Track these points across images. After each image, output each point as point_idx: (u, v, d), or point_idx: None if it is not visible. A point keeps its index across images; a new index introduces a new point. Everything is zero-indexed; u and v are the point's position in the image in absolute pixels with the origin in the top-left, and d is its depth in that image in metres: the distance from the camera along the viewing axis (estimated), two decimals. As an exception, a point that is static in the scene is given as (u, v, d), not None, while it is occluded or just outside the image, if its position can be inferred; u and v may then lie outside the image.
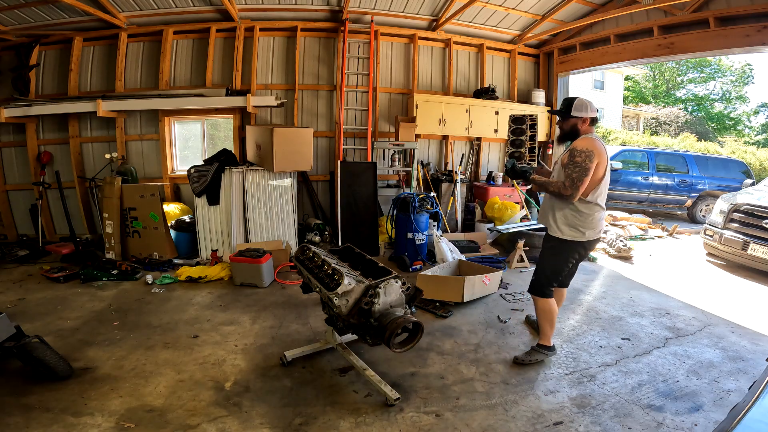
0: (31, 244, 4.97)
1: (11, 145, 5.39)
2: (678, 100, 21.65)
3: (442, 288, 3.54)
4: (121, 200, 4.62)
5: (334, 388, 2.34)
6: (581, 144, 2.40)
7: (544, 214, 2.69)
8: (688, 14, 5.01)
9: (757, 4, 4.47)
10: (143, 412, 2.09)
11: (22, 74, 5.19)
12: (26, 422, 1.97)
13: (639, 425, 2.07)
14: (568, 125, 2.55)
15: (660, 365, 2.66)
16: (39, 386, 2.26)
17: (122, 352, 2.68)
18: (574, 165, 2.37)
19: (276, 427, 2.01)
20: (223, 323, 3.15)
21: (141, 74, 5.54)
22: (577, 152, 2.38)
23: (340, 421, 2.06)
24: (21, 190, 5.46)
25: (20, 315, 3.17)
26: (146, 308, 3.41)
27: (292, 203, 4.92)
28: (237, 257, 3.96)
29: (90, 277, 4.02)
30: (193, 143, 6.07)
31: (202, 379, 2.41)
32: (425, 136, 6.36)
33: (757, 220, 4.63)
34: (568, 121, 2.54)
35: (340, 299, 2.03)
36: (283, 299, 3.67)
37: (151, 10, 5.16)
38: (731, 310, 3.65)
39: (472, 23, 6.14)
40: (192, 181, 4.66)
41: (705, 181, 8.58)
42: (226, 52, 5.62)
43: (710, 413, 2.17)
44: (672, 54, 5.27)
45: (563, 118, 2.57)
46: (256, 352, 2.72)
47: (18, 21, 5.01)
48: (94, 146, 5.47)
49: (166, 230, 4.64)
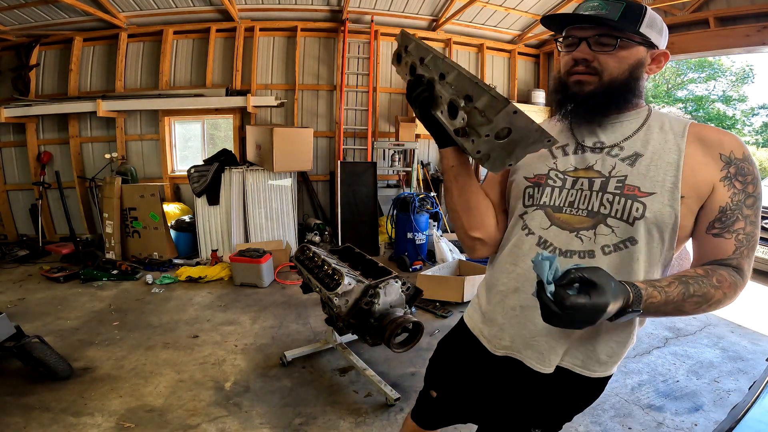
0: (31, 244, 4.97)
1: (11, 145, 5.39)
2: (678, 100, 21.65)
3: (442, 288, 3.54)
4: (121, 200, 4.62)
5: (334, 388, 2.34)
6: (733, 142, 0.83)
7: (552, 335, 0.90)
8: (688, 14, 5.01)
9: (757, 4, 4.47)
10: (143, 412, 2.09)
11: (22, 74, 5.19)
12: (26, 422, 1.97)
13: (639, 425, 2.07)
14: (623, 60, 0.85)
15: (660, 365, 2.66)
16: (39, 386, 2.25)
17: (122, 352, 2.68)
18: (753, 201, 0.82)
19: (276, 427, 2.01)
20: (223, 323, 3.15)
21: (141, 74, 5.54)
22: (747, 165, 0.82)
23: (340, 421, 2.06)
24: (21, 190, 5.46)
25: (20, 315, 3.17)
26: (146, 308, 3.41)
27: (292, 203, 4.92)
28: (237, 257, 3.96)
29: (90, 277, 4.02)
30: (193, 143, 6.07)
31: (202, 379, 2.41)
32: (425, 136, 6.35)
33: (757, 220, 4.62)
34: (630, 50, 0.84)
35: (340, 299, 2.03)
36: (283, 299, 3.67)
37: (151, 10, 5.16)
38: (731, 310, 3.65)
39: (472, 23, 6.14)
40: (192, 181, 4.66)
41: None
42: (226, 52, 5.62)
43: (710, 413, 2.17)
44: (672, 54, 5.26)
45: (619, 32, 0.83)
46: (256, 352, 2.72)
47: (18, 21, 5.01)
48: (94, 146, 5.47)
49: (166, 230, 4.64)
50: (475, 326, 1.06)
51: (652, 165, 0.83)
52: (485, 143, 0.75)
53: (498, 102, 0.70)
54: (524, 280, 0.92)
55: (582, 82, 0.86)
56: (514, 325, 0.94)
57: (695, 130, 0.85)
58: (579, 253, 0.86)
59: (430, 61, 0.88)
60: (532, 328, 0.90)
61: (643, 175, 0.83)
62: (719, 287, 0.78)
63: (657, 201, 0.81)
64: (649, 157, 0.84)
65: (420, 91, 0.87)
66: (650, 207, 0.81)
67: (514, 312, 0.94)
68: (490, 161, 0.78)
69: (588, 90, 0.86)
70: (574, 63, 0.86)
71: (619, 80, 0.84)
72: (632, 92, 0.86)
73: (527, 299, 0.91)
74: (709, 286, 0.78)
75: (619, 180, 0.85)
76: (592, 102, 0.86)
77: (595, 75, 0.85)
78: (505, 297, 0.96)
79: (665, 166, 0.82)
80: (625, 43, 0.83)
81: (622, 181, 0.85)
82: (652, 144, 0.85)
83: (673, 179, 0.81)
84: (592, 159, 0.90)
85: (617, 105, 0.87)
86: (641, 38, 0.84)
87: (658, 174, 0.82)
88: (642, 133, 0.88)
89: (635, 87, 0.86)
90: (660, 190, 0.81)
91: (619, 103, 0.87)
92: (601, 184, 0.86)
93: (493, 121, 0.71)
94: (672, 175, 0.81)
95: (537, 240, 0.90)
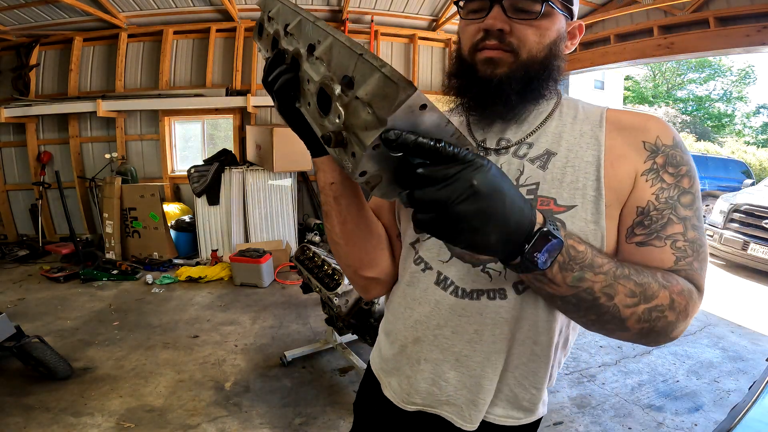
0: (31, 244, 4.97)
1: (11, 145, 5.39)
2: (678, 99, 21.66)
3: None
4: (121, 200, 4.62)
5: (334, 388, 2.34)
6: (659, 126, 0.64)
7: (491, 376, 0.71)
8: (688, 14, 5.01)
9: (757, 4, 4.47)
10: (143, 412, 2.09)
11: (22, 74, 5.19)
12: (26, 422, 1.98)
13: (639, 425, 2.07)
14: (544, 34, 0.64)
15: (660, 365, 2.66)
16: (39, 386, 2.26)
17: (122, 352, 2.68)
18: (691, 199, 0.62)
19: (276, 427, 2.01)
20: (223, 323, 3.15)
21: (141, 74, 5.54)
22: (679, 153, 0.63)
23: (340, 421, 2.06)
24: (21, 190, 5.46)
25: (20, 315, 3.16)
26: (146, 308, 3.41)
27: (292, 203, 4.92)
28: (237, 257, 3.96)
29: (90, 277, 4.02)
30: (193, 143, 6.07)
31: (202, 379, 2.41)
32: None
33: (757, 220, 4.63)
34: (552, 18, 0.64)
35: (340, 299, 2.03)
36: (283, 299, 3.67)
37: (151, 10, 5.16)
38: (731, 310, 3.65)
39: (472, 23, 6.14)
40: (192, 181, 4.66)
41: (705, 181, 8.58)
42: (226, 52, 5.62)
43: (710, 413, 2.17)
44: (672, 54, 5.27)
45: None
46: (256, 352, 2.72)
47: (18, 21, 5.01)
48: (94, 146, 5.47)
49: (166, 230, 4.64)
50: (380, 375, 0.84)
51: (569, 166, 0.64)
52: (373, 158, 0.43)
53: (394, 88, 0.39)
54: (425, 328, 0.72)
55: (494, 61, 0.63)
56: (420, 381, 0.74)
57: (614, 116, 0.66)
58: (488, 293, 0.66)
59: (294, 27, 0.59)
60: (444, 385, 0.72)
61: (559, 180, 0.64)
62: (666, 287, 0.56)
63: (579, 217, 0.62)
64: (563, 155, 0.65)
65: (278, 73, 0.57)
66: (570, 227, 0.61)
67: (419, 366, 0.74)
68: (381, 187, 0.47)
69: (501, 72, 0.63)
70: (483, 35, 0.63)
71: (537, 59, 0.64)
72: (552, 76, 0.67)
73: (432, 351, 0.72)
74: (652, 279, 0.55)
75: (529, 190, 0.64)
76: (507, 89, 0.64)
77: (510, 52, 0.63)
78: (404, 348, 0.76)
79: (584, 166, 0.63)
80: (550, 9, 0.62)
81: (533, 191, 0.64)
82: (566, 138, 0.66)
83: (594, 184, 0.62)
84: (496, 162, 0.68)
85: (534, 94, 0.66)
86: (564, 3, 0.65)
87: (577, 178, 0.63)
88: (552, 123, 0.68)
89: (555, 69, 0.66)
90: (581, 201, 0.62)
91: (536, 92, 0.66)
92: None
93: (387, 121, 0.40)
94: (593, 178, 0.62)
95: (436, 277, 0.70)
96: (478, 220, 0.42)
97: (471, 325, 0.68)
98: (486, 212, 0.42)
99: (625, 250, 0.63)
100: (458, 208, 0.41)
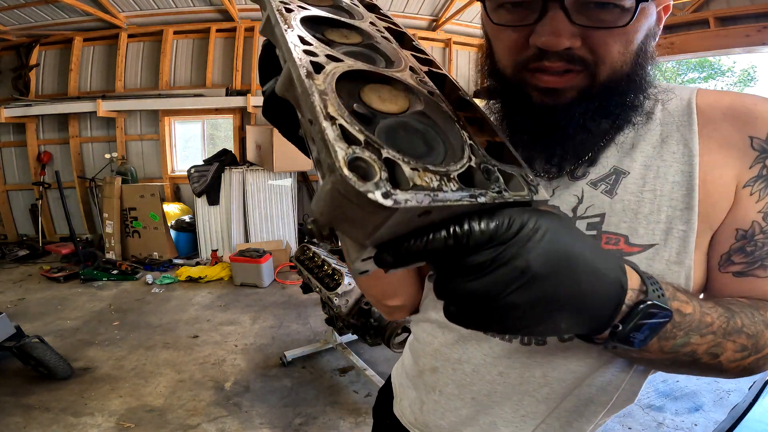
0: (31, 244, 4.98)
1: (11, 145, 5.39)
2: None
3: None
4: (121, 200, 4.62)
5: (334, 388, 2.34)
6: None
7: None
8: (688, 14, 5.01)
9: (757, 4, 4.47)
10: (143, 412, 2.09)
11: (22, 74, 5.19)
12: (26, 422, 1.98)
13: (639, 425, 2.07)
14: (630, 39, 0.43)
15: (660, 365, 2.67)
16: (39, 386, 2.26)
17: (122, 352, 2.68)
18: None
19: (276, 427, 2.01)
20: (223, 323, 3.15)
21: (141, 74, 5.54)
22: None
23: (340, 421, 2.06)
24: (21, 190, 5.46)
25: (20, 315, 3.16)
26: (146, 308, 3.41)
27: (292, 203, 4.93)
28: (237, 257, 3.96)
29: (90, 277, 4.02)
30: (193, 143, 6.07)
31: (202, 379, 2.41)
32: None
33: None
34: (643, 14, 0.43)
35: (340, 299, 2.03)
36: (283, 299, 3.67)
37: (151, 10, 5.17)
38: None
39: (472, 23, 6.14)
40: (192, 181, 4.66)
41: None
42: (226, 52, 5.62)
43: (710, 413, 2.17)
44: (672, 54, 5.26)
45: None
46: (256, 352, 2.72)
47: (18, 21, 5.01)
48: (94, 146, 5.47)
49: (166, 230, 4.64)
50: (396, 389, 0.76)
51: (647, 191, 0.47)
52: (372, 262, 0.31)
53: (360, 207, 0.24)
54: (444, 359, 0.62)
55: (557, 91, 0.44)
56: (431, 411, 0.65)
57: (707, 102, 0.47)
58: (521, 339, 0.54)
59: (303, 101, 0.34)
60: (454, 420, 0.62)
61: (633, 211, 0.47)
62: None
63: (659, 259, 0.46)
64: (639, 175, 0.48)
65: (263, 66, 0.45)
66: (646, 269, 0.41)
67: (433, 396, 0.64)
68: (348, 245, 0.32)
69: (566, 101, 0.45)
70: (538, 54, 0.42)
71: (622, 74, 0.44)
72: (642, 89, 0.47)
73: (447, 384, 0.62)
74: (763, 323, 0.43)
75: (591, 224, 0.49)
76: (575, 123, 0.45)
77: (583, 70, 0.43)
78: (422, 373, 0.67)
79: (669, 189, 0.46)
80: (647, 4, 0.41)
81: (596, 226, 0.48)
82: (642, 149, 0.48)
83: (684, 215, 0.45)
84: (546, 188, 0.47)
85: (618, 121, 0.48)
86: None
87: (659, 207, 0.46)
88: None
89: (645, 81, 0.47)
90: (663, 238, 0.46)
91: (620, 117, 0.48)
92: None
93: (367, 245, 0.28)
94: (682, 206, 0.45)
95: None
96: (539, 309, 0.30)
97: (496, 367, 0.57)
98: (549, 298, 0.30)
99: (716, 279, 0.49)
100: (506, 300, 0.29)
